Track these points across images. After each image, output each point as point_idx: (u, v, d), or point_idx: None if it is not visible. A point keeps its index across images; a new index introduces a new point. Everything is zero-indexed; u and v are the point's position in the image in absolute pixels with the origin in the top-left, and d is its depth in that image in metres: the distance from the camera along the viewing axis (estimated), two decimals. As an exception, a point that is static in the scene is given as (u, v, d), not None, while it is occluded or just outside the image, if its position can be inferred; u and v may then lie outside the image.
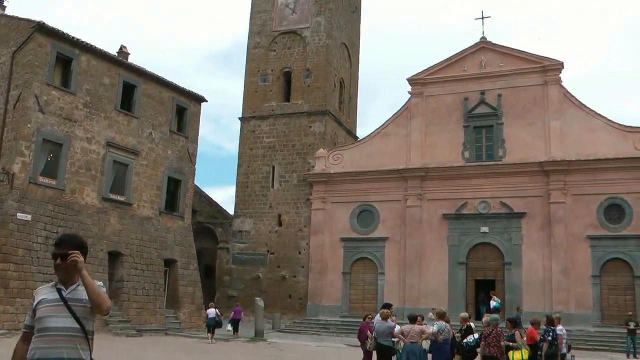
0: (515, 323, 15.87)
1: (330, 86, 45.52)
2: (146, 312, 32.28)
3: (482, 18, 41.99)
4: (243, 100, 46.74)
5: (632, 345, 29.05)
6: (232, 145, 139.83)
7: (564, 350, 18.25)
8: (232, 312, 34.00)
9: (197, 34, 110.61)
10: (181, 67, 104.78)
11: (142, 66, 34.92)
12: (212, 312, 30.25)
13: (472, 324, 17.42)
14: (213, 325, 29.70)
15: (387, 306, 17.77)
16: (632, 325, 29.30)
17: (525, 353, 14.81)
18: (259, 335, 32.15)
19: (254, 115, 45.78)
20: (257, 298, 35.68)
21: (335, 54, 46.49)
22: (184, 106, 37.58)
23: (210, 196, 51.26)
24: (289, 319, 40.69)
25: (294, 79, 45.84)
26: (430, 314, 24.49)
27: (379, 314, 17.19)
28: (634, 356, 28.64)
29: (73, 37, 30.56)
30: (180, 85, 37.16)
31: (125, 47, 35.81)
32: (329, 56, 45.28)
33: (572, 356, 27.92)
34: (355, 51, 51.58)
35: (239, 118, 46.55)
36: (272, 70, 46.42)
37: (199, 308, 36.29)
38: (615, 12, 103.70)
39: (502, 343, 14.66)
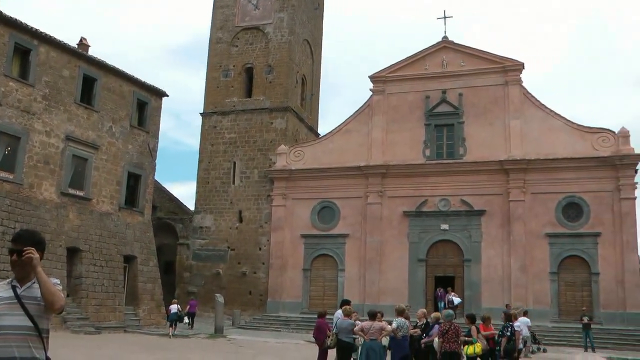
0: (473, 319, 16.39)
1: (292, 82, 45.48)
2: (105, 309, 31.96)
3: (444, 17, 42.35)
4: (204, 96, 46.45)
5: (587, 340, 29.70)
6: (193, 141, 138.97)
7: (520, 345, 18.58)
8: (188, 306, 35.08)
9: (158, 28, 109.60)
10: (142, 61, 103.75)
11: (102, 59, 34.50)
12: (174, 307, 31.80)
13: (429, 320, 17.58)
14: (175, 320, 31.44)
15: (347, 302, 17.80)
16: (586, 320, 29.95)
17: (478, 347, 15.45)
18: (218, 332, 32.08)
19: (215, 110, 45.53)
20: (217, 294, 35.60)
21: (297, 50, 46.44)
22: (145, 100, 37.25)
23: (171, 192, 50.91)
24: (249, 315, 40.62)
25: (256, 75, 45.68)
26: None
27: (340, 310, 17.16)
28: (592, 350, 29.29)
29: (32, 28, 30.04)
30: (141, 79, 36.81)
31: (85, 39, 35.33)
32: (291, 52, 45.22)
33: (544, 349, 28.94)
34: (318, 48, 51.58)
35: (200, 113, 46.26)
36: (234, 66, 46.20)
37: (158, 305, 36.06)
38: (575, 13, 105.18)
39: (461, 339, 14.99)
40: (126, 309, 33.74)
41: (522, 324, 28.00)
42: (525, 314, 29.78)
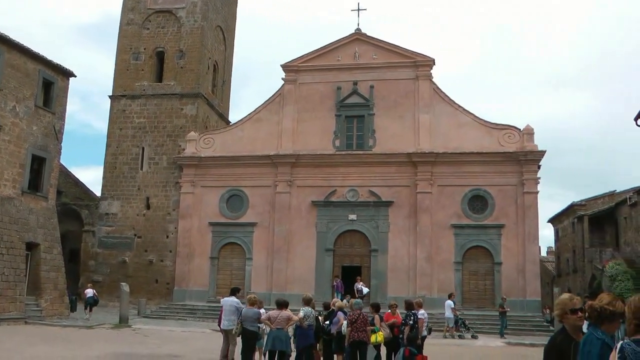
0: (377, 308, 17.19)
1: (204, 69, 45.00)
2: (5, 300, 30.63)
3: (358, 10, 42.71)
4: (114, 78, 45.41)
5: (504, 326, 31.36)
6: (101, 124, 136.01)
7: (425, 332, 19.12)
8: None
9: (66, 4, 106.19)
10: (49, 39, 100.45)
11: (5, 33, 32.92)
12: (90, 292, 34.63)
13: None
14: (91, 304, 33.95)
15: (237, 290, 17.87)
16: (505, 308, 31.43)
17: (380, 336, 16.02)
18: (123, 322, 31.55)
19: (124, 94, 44.61)
20: (122, 283, 34.97)
21: (210, 36, 45.94)
22: (51, 80, 35.88)
23: (77, 176, 49.54)
24: (155, 304, 40.11)
25: (167, 59, 45.00)
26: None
27: (230, 298, 17.19)
28: (502, 336, 30.53)
29: None
30: (47, 57, 35.41)
31: (-13, 14, 33.75)
32: (204, 38, 44.71)
33: (475, 336, 29.96)
34: (231, 35, 51.18)
35: (109, 96, 45.21)
36: (144, 49, 45.35)
37: (62, 294, 35.02)
38: (488, 15, 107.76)
39: (368, 328, 15.36)
40: (27, 299, 32.53)
41: (446, 307, 29.59)
42: (450, 296, 30.94)
